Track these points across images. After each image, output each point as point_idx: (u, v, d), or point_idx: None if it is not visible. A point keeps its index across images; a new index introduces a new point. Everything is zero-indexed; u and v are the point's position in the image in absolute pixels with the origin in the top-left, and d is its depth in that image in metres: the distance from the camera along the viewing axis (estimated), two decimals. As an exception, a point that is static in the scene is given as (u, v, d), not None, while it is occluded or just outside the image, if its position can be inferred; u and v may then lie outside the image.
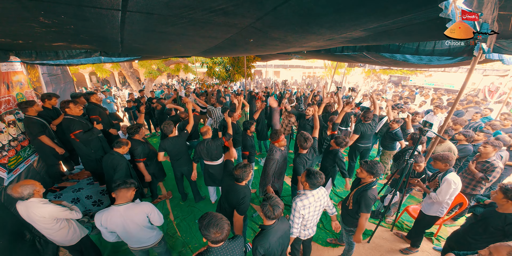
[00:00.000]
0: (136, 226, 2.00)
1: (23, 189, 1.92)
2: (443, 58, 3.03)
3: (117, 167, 2.78)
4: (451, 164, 2.50)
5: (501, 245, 1.41)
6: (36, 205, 1.97)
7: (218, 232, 1.43)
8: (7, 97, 3.10)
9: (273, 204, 1.68)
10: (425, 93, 9.29)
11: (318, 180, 1.98)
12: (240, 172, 2.08)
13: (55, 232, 2.10)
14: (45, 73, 4.64)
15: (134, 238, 2.07)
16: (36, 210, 1.96)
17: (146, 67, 10.83)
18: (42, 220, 2.00)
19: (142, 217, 2.01)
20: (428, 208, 2.64)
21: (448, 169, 2.52)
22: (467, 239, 2.11)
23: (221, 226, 1.45)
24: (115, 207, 1.92)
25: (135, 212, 1.97)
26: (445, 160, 2.49)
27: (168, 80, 20.51)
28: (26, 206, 1.96)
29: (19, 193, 1.91)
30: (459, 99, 2.57)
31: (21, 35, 1.87)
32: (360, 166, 2.20)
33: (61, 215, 2.06)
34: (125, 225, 1.96)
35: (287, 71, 25.19)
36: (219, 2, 1.12)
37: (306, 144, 2.76)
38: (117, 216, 1.91)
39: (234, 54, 5.22)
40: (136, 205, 2.00)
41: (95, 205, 3.52)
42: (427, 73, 14.80)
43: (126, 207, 1.94)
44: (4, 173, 2.70)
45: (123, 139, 2.92)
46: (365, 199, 2.09)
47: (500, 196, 1.88)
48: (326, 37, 2.03)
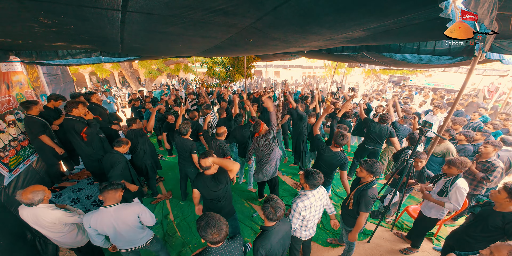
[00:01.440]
0: (127, 227, 1.98)
1: (34, 195, 1.89)
2: (443, 58, 3.03)
3: (114, 164, 2.78)
4: (465, 170, 2.38)
5: (502, 245, 1.41)
6: (46, 211, 1.96)
7: (216, 233, 1.43)
8: (7, 97, 3.10)
9: (275, 206, 1.68)
10: (425, 93, 9.29)
11: (318, 179, 1.99)
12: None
13: (63, 235, 2.10)
14: (45, 73, 4.64)
15: (125, 239, 2.04)
16: (46, 216, 1.95)
17: (146, 67, 10.84)
18: (52, 225, 2.00)
19: (133, 217, 1.99)
20: (428, 210, 2.62)
21: (458, 174, 2.39)
22: (467, 238, 2.11)
23: (219, 227, 1.44)
24: (104, 208, 1.90)
25: (126, 213, 1.95)
26: (463, 166, 2.33)
27: (167, 80, 20.49)
28: (35, 212, 1.94)
29: (30, 199, 1.88)
30: (459, 99, 2.57)
31: (21, 35, 1.87)
32: (359, 165, 2.21)
33: (70, 220, 2.07)
34: (116, 226, 1.94)
35: (287, 71, 25.18)
36: (219, 2, 1.12)
37: (343, 141, 2.78)
38: (107, 217, 1.90)
39: (234, 54, 5.22)
40: (127, 206, 1.98)
41: (95, 205, 3.52)
42: (427, 73, 14.80)
43: (116, 208, 1.93)
44: (6, 172, 2.71)
45: (123, 138, 2.93)
46: (365, 198, 2.10)
47: (504, 196, 1.85)
48: (326, 37, 2.03)
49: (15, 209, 2.53)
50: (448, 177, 2.46)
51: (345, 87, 12.77)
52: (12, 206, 2.55)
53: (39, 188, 1.96)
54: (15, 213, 2.50)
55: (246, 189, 4.20)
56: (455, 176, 2.39)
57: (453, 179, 2.38)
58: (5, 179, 2.68)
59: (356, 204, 2.20)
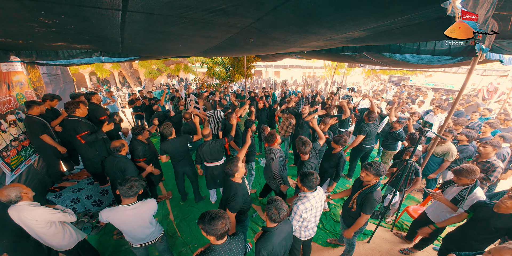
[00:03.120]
0: (144, 223, 2.06)
1: (9, 191, 1.88)
2: (443, 58, 3.04)
3: (125, 170, 2.76)
4: (477, 177, 2.24)
5: (503, 248, 1.40)
6: (27, 208, 1.94)
7: (223, 223, 1.45)
8: (8, 97, 3.11)
9: (278, 207, 1.67)
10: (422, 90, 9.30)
11: (314, 181, 1.98)
12: (229, 166, 2.11)
13: (50, 236, 2.08)
14: (45, 73, 4.65)
15: (139, 235, 2.10)
16: (27, 213, 1.93)
17: (146, 67, 10.85)
18: (34, 223, 1.98)
19: (151, 213, 2.08)
20: (436, 215, 2.54)
21: (473, 183, 2.26)
22: (465, 239, 2.10)
23: (223, 216, 1.47)
24: (123, 207, 1.95)
25: (145, 209, 2.03)
26: (471, 174, 2.20)
27: (168, 80, 20.50)
28: (18, 210, 1.93)
29: (6, 196, 1.87)
30: (459, 99, 2.57)
31: (21, 35, 1.87)
32: (364, 170, 2.12)
33: (53, 217, 2.03)
34: (133, 223, 2.00)
35: (287, 71, 25.19)
36: (220, 2, 1.12)
37: (306, 148, 2.63)
38: (125, 215, 1.95)
39: (234, 54, 5.22)
40: (145, 203, 2.06)
41: (95, 205, 3.52)
42: (427, 73, 14.80)
43: (136, 206, 1.98)
44: (8, 172, 2.72)
45: (115, 142, 2.80)
46: (370, 201, 2.07)
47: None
48: (326, 37, 2.03)
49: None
50: (464, 186, 2.33)
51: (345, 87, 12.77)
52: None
53: (14, 185, 1.96)
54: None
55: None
56: (472, 185, 2.26)
57: (471, 188, 2.26)
58: (7, 178, 2.68)
59: (360, 206, 2.17)
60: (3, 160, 2.70)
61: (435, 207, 2.60)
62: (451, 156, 3.28)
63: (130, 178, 1.95)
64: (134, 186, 1.92)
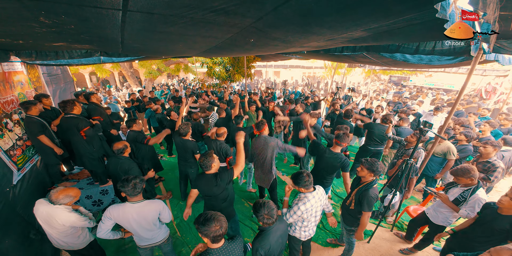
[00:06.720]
0: (147, 224, 2.02)
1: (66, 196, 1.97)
2: (443, 58, 3.03)
3: (129, 172, 2.75)
4: (476, 177, 2.23)
5: (502, 249, 1.40)
6: (62, 212, 1.97)
7: (217, 225, 1.43)
8: (12, 96, 3.11)
9: (268, 212, 1.67)
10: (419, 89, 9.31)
11: (305, 178, 1.98)
12: (205, 160, 2.12)
13: (66, 236, 2.09)
14: (45, 73, 4.64)
15: (146, 235, 2.08)
16: (61, 216, 1.96)
17: (146, 67, 10.84)
18: (61, 227, 2.00)
19: (155, 214, 2.04)
20: (436, 216, 2.55)
21: (475, 184, 2.26)
22: (468, 241, 2.10)
23: (218, 219, 1.45)
24: (129, 204, 1.93)
25: (149, 209, 1.99)
26: (467, 174, 2.21)
27: (168, 80, 20.50)
28: (52, 210, 1.95)
29: (60, 199, 1.94)
30: (460, 99, 2.57)
31: (21, 35, 1.87)
32: (360, 165, 2.20)
33: (80, 224, 2.07)
34: (137, 222, 1.97)
35: (287, 71, 25.18)
36: (220, 2, 1.12)
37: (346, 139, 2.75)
38: (130, 212, 1.93)
39: (234, 54, 5.22)
40: (150, 203, 2.02)
41: (95, 205, 3.52)
42: (427, 73, 14.81)
43: (141, 204, 1.96)
44: (16, 171, 2.72)
45: (118, 144, 2.80)
46: (367, 198, 2.10)
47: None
48: (327, 37, 2.03)
49: (20, 209, 2.53)
50: (466, 187, 2.32)
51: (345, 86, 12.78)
52: (18, 205, 2.54)
53: (74, 193, 2.02)
54: (20, 212, 2.50)
55: (246, 189, 4.19)
56: (475, 187, 2.26)
57: (473, 189, 2.25)
58: (14, 177, 2.67)
59: (358, 204, 2.20)
60: (10, 159, 2.70)
61: (435, 207, 2.60)
62: (452, 154, 3.28)
63: (129, 178, 1.92)
64: (137, 184, 1.91)
